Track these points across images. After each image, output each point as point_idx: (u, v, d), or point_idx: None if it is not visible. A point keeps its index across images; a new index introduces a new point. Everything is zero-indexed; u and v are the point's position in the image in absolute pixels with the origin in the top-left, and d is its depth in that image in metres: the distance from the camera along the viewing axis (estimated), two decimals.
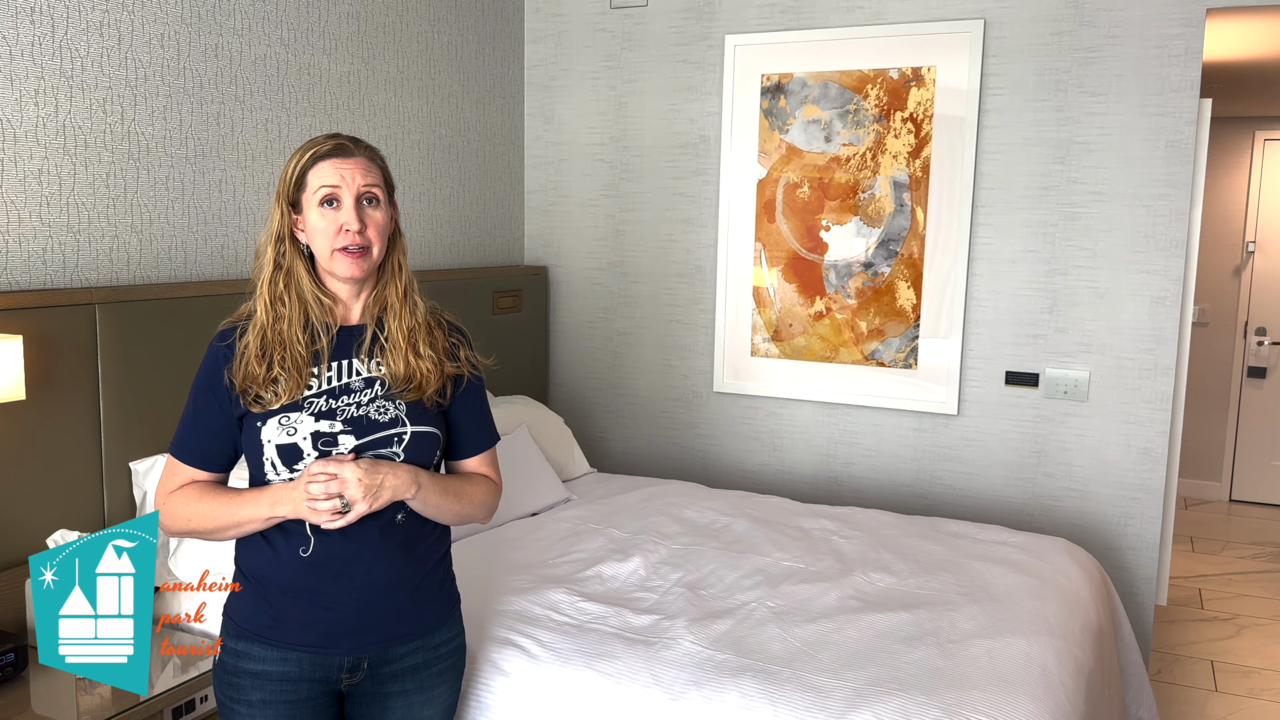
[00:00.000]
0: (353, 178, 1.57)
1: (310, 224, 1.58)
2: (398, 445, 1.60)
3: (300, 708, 1.59)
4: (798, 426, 3.60)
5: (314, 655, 1.59)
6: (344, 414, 1.58)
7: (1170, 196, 3.03)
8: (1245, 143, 5.78)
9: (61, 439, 2.14)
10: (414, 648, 1.66)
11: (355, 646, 1.60)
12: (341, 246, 1.57)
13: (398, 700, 1.66)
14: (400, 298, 1.65)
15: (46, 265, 2.18)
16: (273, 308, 1.58)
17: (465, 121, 3.58)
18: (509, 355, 3.71)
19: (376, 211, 1.60)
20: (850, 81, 3.37)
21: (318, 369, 1.59)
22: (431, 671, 1.68)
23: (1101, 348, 3.16)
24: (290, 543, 1.57)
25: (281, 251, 1.60)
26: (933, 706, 1.85)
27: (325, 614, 1.58)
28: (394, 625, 1.63)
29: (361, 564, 1.58)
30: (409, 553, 1.63)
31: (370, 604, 1.60)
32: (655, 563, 2.56)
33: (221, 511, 1.56)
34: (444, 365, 1.66)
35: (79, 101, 2.23)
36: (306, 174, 1.57)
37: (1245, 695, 3.45)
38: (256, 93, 2.69)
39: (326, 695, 1.62)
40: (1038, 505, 3.29)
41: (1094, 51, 3.07)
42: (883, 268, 3.39)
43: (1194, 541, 5.19)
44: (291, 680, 1.58)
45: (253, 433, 1.57)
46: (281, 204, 1.60)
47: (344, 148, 1.59)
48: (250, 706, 1.58)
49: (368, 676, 1.63)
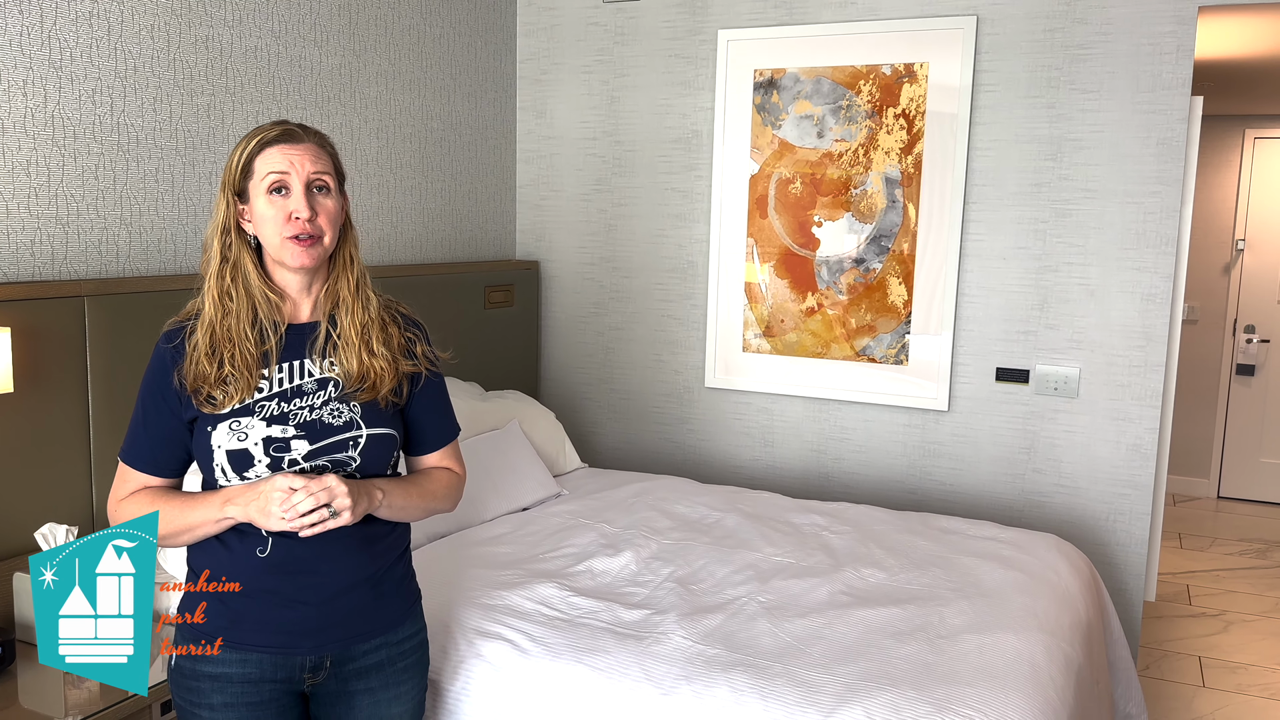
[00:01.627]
0: (302, 164, 1.53)
1: (258, 213, 1.53)
2: (353, 449, 1.56)
3: (263, 709, 1.56)
4: (789, 422, 3.60)
5: (275, 656, 1.56)
6: (296, 418, 1.54)
7: (1161, 194, 3.04)
8: (1235, 141, 5.80)
9: (50, 432, 2.13)
10: (377, 644, 1.64)
11: (317, 645, 1.58)
12: (291, 235, 1.52)
13: (363, 698, 1.64)
14: (352, 292, 1.60)
15: (35, 257, 2.17)
16: (220, 303, 1.54)
17: (457, 115, 3.57)
18: (500, 350, 3.71)
19: (327, 200, 1.56)
20: (843, 77, 3.37)
21: (267, 370, 1.55)
22: (396, 668, 1.67)
23: (1092, 344, 3.17)
24: (246, 544, 1.53)
25: (228, 244, 1.55)
26: (923, 701, 1.86)
27: (285, 614, 1.55)
28: (356, 623, 1.60)
29: (322, 562, 1.55)
30: (369, 549, 1.61)
31: (331, 602, 1.57)
32: (646, 558, 2.56)
33: (173, 517, 1.53)
34: (399, 363, 1.63)
35: (68, 93, 2.21)
36: (253, 161, 1.52)
37: (1232, 691, 3.47)
38: (247, 85, 2.67)
39: (290, 695, 1.60)
40: (1027, 501, 3.30)
41: (1086, 48, 3.08)
42: (874, 264, 3.39)
43: (1182, 538, 5.21)
44: (252, 682, 1.55)
45: (203, 438, 1.53)
46: (227, 194, 1.55)
47: (292, 133, 1.55)
48: (212, 710, 1.55)
49: (331, 675, 1.61)
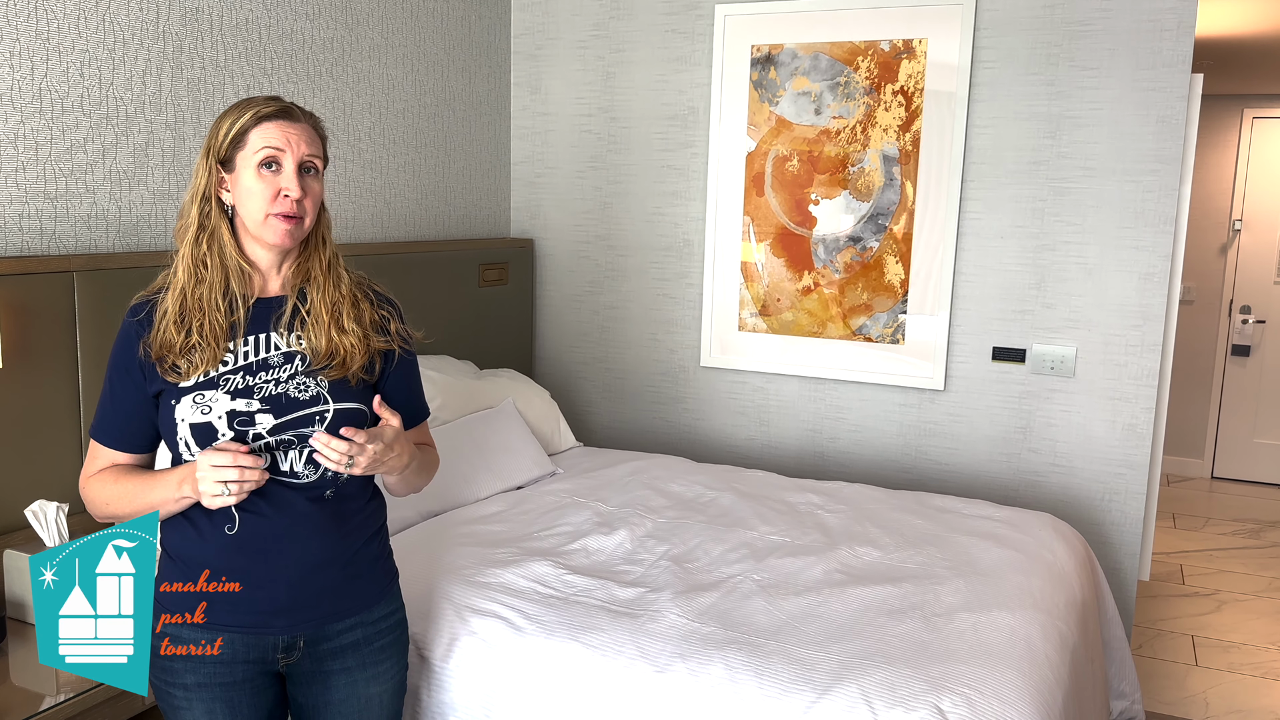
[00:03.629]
0: (297, 144, 1.52)
1: (244, 185, 1.51)
2: (319, 425, 1.54)
3: (237, 690, 1.55)
4: (784, 401, 3.59)
5: (246, 635, 1.54)
6: (261, 391, 1.53)
7: (1160, 172, 3.02)
8: (1234, 120, 5.78)
9: (40, 408, 2.11)
10: (351, 624, 1.62)
11: (289, 625, 1.56)
12: (279, 212, 1.51)
13: (340, 678, 1.63)
14: (324, 270, 1.60)
15: (23, 232, 2.14)
16: (195, 271, 1.53)
17: (451, 90, 3.53)
18: (495, 328, 3.69)
19: (315, 182, 1.56)
20: (841, 53, 3.34)
21: (233, 343, 1.54)
22: (374, 647, 1.65)
23: (1088, 324, 3.15)
24: (214, 521, 1.52)
25: (206, 212, 1.53)
26: (918, 679, 1.86)
27: (256, 593, 1.53)
28: (329, 602, 1.59)
29: (290, 541, 1.54)
30: (340, 528, 1.59)
31: (302, 581, 1.55)
32: (641, 536, 2.56)
33: (134, 493, 1.52)
34: (370, 340, 1.62)
35: (55, 65, 2.18)
36: (248, 133, 1.51)
37: (1225, 670, 3.49)
38: (238, 58, 2.64)
39: (264, 676, 1.59)
40: (1023, 480, 3.29)
41: (1086, 25, 3.05)
42: (871, 242, 3.38)
43: (1176, 518, 5.23)
44: (225, 662, 1.54)
45: (167, 411, 1.52)
46: (210, 160, 1.53)
47: (290, 111, 1.54)
48: (186, 690, 1.54)
49: (305, 655, 1.59)
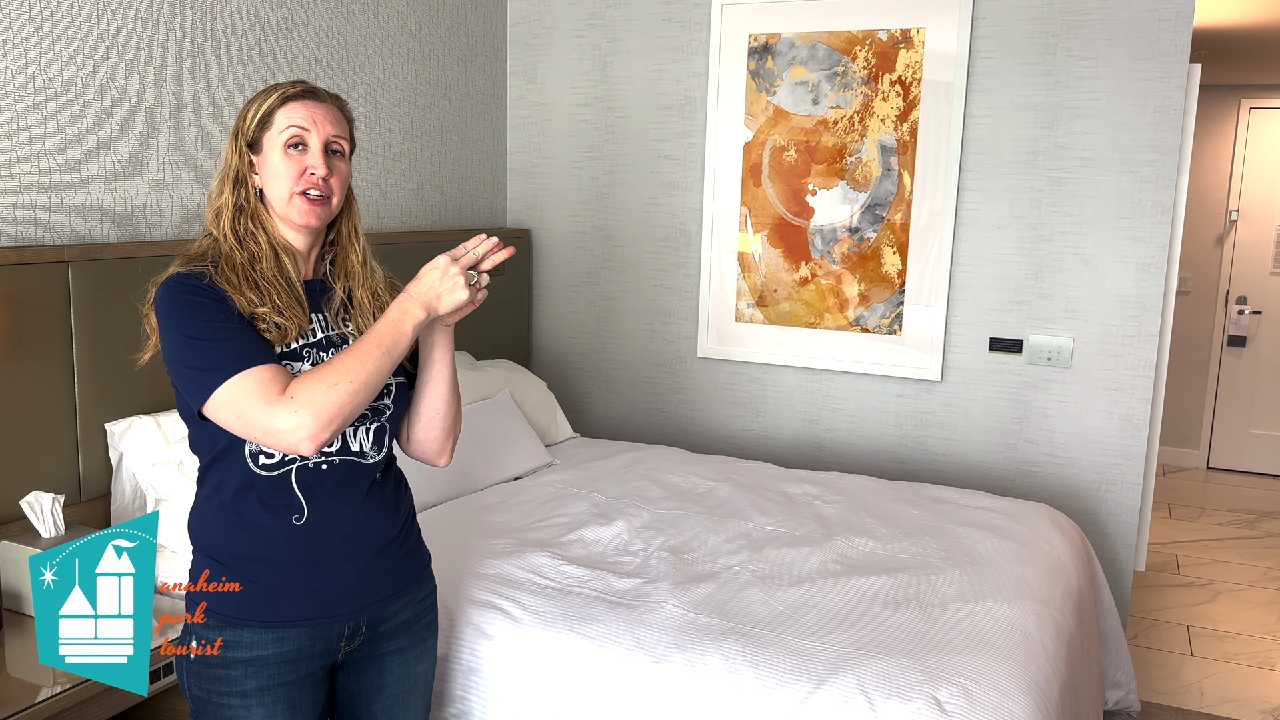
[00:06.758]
0: (324, 124, 1.53)
1: (270, 165, 1.51)
2: (387, 397, 1.59)
3: (298, 687, 1.53)
4: (781, 392, 3.59)
5: (313, 628, 1.53)
6: None
7: (1157, 162, 3.02)
8: (1231, 111, 5.77)
9: (35, 400, 2.10)
10: (405, 603, 1.65)
11: (354, 611, 1.56)
12: (303, 190, 1.51)
13: (394, 659, 1.65)
14: (361, 263, 1.63)
15: (17, 222, 2.13)
16: (244, 247, 1.51)
17: (447, 80, 3.52)
18: (491, 319, 3.68)
19: (341, 164, 1.56)
20: (839, 43, 3.33)
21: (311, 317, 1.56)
22: (421, 625, 1.68)
23: (1085, 314, 3.15)
24: (279, 516, 1.50)
25: (244, 194, 1.54)
26: (915, 669, 1.86)
27: (325, 581, 1.52)
28: (389, 582, 1.61)
29: (359, 524, 1.56)
30: (397, 506, 1.63)
31: (369, 564, 1.57)
32: (638, 527, 2.55)
33: (353, 356, 1.43)
34: None
35: (49, 54, 2.17)
36: (274, 113, 1.51)
37: (1220, 659, 3.50)
38: (233, 47, 2.62)
39: (323, 670, 1.58)
40: (1019, 471, 3.30)
41: (1084, 14, 3.04)
42: (869, 233, 3.37)
43: (1171, 508, 5.24)
44: (290, 660, 1.52)
45: None
46: (239, 144, 1.53)
47: (315, 92, 1.55)
48: (245, 697, 1.49)
49: (365, 639, 1.60)
